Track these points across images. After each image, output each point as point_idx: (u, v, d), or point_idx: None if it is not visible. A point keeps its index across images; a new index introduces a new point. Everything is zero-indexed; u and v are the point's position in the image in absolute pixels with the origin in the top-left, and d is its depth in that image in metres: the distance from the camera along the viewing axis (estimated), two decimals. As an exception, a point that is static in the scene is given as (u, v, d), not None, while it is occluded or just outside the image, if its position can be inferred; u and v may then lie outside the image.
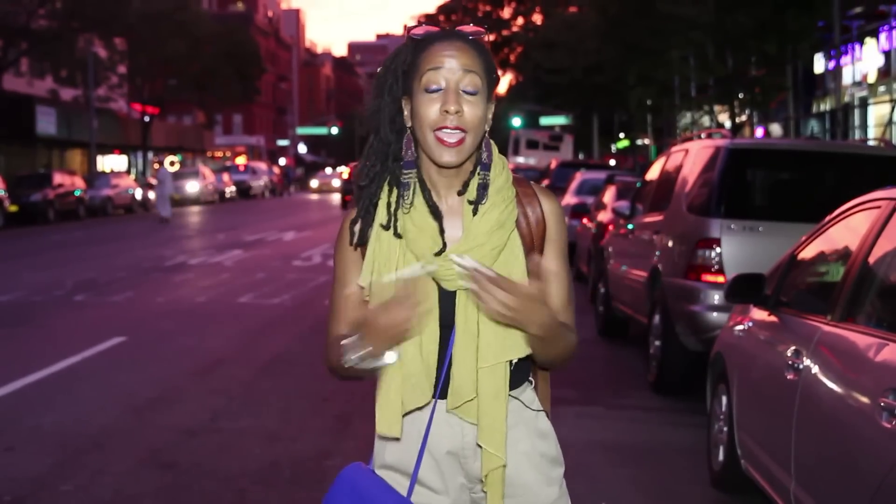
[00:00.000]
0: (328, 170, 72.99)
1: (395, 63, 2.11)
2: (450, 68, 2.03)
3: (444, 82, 2.03)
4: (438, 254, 2.04)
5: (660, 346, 7.54)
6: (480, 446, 2.06)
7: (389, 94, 2.12)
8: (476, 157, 2.11)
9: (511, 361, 2.09)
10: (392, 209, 2.09)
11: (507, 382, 2.07)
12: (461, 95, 2.03)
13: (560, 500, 2.18)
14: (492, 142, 2.13)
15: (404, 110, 2.11)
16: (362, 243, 2.12)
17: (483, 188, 2.08)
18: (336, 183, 61.65)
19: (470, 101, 2.03)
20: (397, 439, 2.11)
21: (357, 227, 2.13)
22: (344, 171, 47.03)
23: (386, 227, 2.08)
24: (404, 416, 2.09)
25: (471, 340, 2.05)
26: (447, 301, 2.06)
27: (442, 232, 2.06)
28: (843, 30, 21.19)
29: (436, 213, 2.07)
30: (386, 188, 2.12)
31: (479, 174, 2.09)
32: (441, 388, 2.08)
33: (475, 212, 2.06)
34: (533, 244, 2.14)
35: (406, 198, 2.08)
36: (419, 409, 2.09)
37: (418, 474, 2.11)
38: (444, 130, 2.02)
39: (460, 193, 2.10)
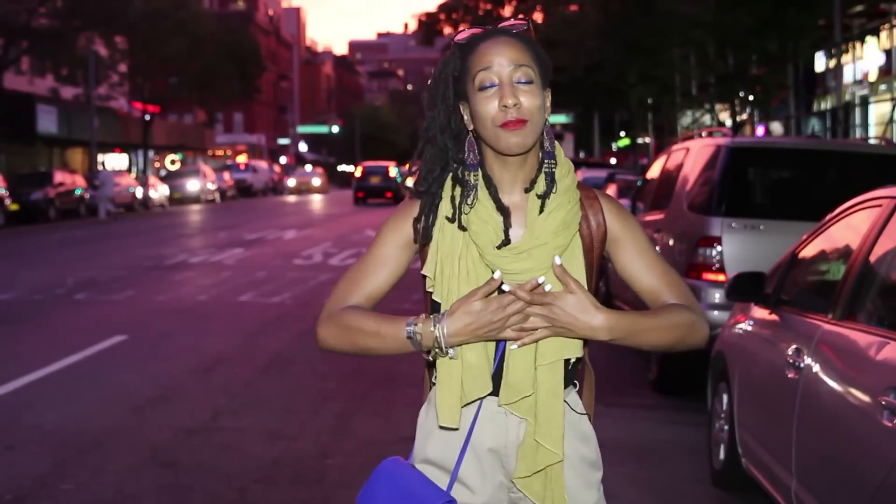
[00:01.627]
0: (308, 167, 66.03)
1: (446, 71, 2.14)
2: (500, 64, 2.06)
3: (497, 79, 2.06)
4: (500, 247, 2.06)
5: (661, 344, 7.53)
6: (538, 442, 2.06)
7: (443, 102, 2.14)
8: (538, 150, 2.14)
9: (568, 360, 2.11)
10: (457, 203, 2.12)
11: (562, 380, 2.09)
12: (516, 88, 2.05)
13: None
14: (556, 141, 2.16)
15: (463, 115, 2.14)
16: (426, 242, 2.15)
17: (550, 177, 2.11)
18: (317, 182, 57.25)
19: (526, 90, 2.05)
20: (457, 428, 2.10)
21: (421, 226, 2.15)
22: (356, 169, 46.98)
23: (451, 220, 2.11)
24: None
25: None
26: None
27: (507, 227, 2.09)
28: (844, 28, 21.15)
29: (501, 208, 2.10)
30: (449, 184, 2.15)
31: (544, 164, 2.12)
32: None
33: (542, 208, 2.08)
34: (592, 246, 2.16)
35: (469, 196, 2.11)
36: (474, 401, 2.10)
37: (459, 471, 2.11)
38: (506, 124, 2.05)
39: (527, 191, 2.12)
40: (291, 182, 58.29)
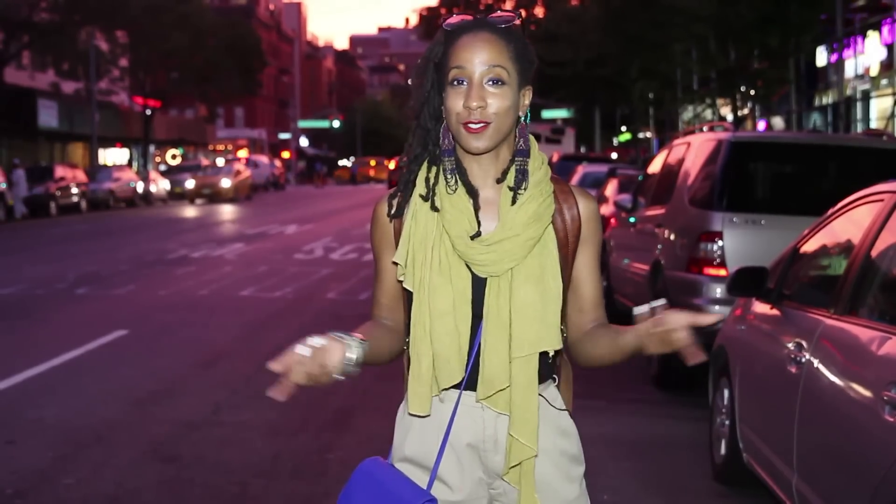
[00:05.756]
0: (219, 161, 47.50)
1: (431, 54, 2.14)
2: (473, 63, 2.05)
3: (468, 78, 2.05)
4: (473, 237, 2.05)
5: (662, 339, 7.53)
6: (512, 436, 2.05)
7: (427, 82, 2.15)
8: (512, 146, 2.12)
9: (548, 353, 2.10)
10: (431, 184, 2.11)
11: (537, 373, 2.07)
12: (485, 89, 2.04)
13: (579, 498, 2.17)
14: (531, 135, 2.14)
15: (444, 100, 2.13)
16: (398, 216, 2.15)
17: (522, 173, 2.09)
18: (227, 183, 40.33)
19: (495, 92, 2.04)
20: (427, 415, 2.10)
21: (395, 201, 2.16)
22: (390, 162, 46.39)
23: (425, 199, 2.10)
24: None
25: (502, 330, 2.05)
26: (478, 288, 2.07)
27: (477, 214, 2.08)
28: (846, 22, 21.12)
29: (473, 197, 2.09)
30: (425, 166, 2.15)
31: (516, 161, 2.11)
32: (466, 379, 2.08)
33: (514, 200, 2.07)
34: (567, 241, 2.15)
35: (450, 180, 2.10)
36: (444, 391, 2.09)
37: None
38: (469, 124, 2.04)
39: (499, 181, 2.11)
40: (189, 183, 40.71)
